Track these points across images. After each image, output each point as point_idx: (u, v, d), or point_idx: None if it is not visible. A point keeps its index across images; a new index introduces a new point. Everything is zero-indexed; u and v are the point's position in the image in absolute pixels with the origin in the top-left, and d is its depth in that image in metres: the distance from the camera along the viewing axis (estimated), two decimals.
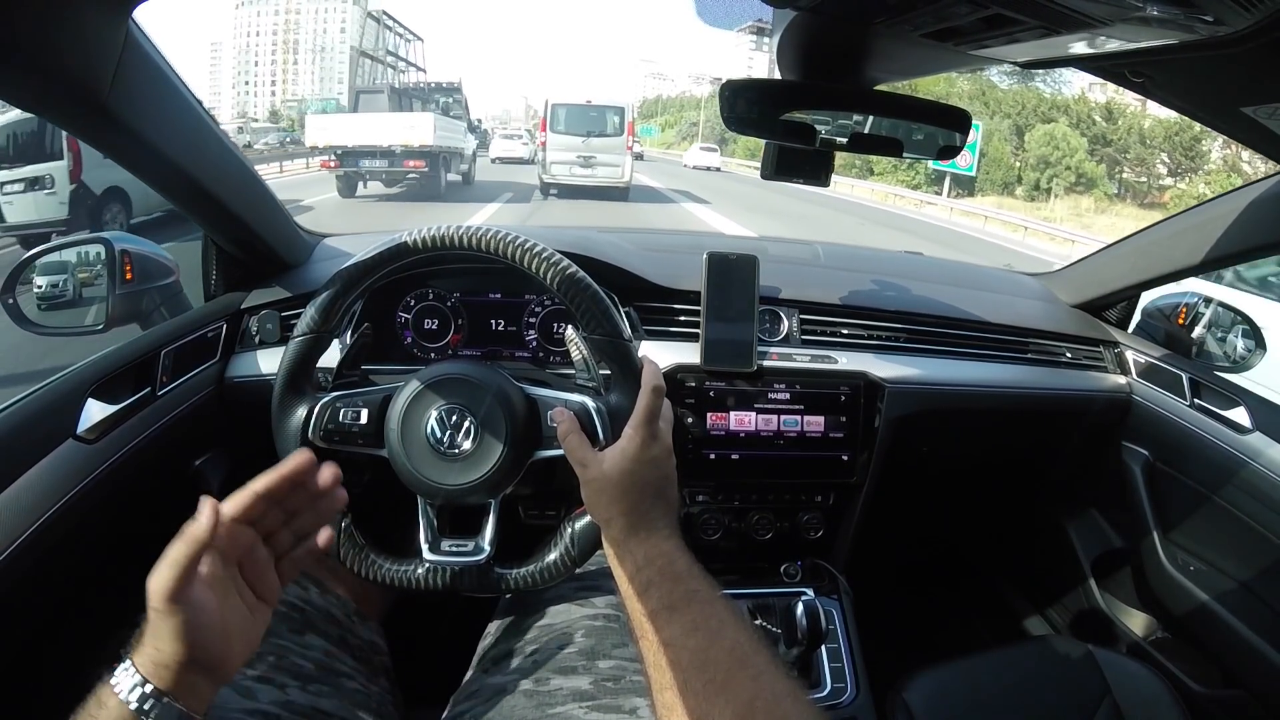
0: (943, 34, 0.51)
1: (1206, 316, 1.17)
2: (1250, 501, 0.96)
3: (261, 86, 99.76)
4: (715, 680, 0.46)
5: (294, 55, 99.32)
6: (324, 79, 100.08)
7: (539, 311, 0.97)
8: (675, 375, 0.95)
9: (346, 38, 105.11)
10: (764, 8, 0.62)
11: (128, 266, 0.88)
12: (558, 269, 0.64)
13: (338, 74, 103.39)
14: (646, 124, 58.12)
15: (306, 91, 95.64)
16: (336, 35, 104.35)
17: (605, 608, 0.73)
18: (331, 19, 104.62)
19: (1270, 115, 0.59)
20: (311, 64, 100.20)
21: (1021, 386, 1.09)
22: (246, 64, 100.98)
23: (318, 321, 0.67)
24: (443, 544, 0.69)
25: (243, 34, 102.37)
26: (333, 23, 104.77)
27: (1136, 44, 0.49)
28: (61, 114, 0.60)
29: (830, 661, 0.95)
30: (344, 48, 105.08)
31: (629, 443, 0.58)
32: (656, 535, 0.56)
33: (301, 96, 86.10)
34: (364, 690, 0.71)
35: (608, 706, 0.61)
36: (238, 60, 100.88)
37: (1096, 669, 0.90)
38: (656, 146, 39.48)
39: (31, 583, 0.59)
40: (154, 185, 0.76)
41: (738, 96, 0.74)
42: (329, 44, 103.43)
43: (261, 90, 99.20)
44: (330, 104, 53.25)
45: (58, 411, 0.68)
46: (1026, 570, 1.49)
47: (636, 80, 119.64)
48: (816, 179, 0.86)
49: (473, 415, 0.66)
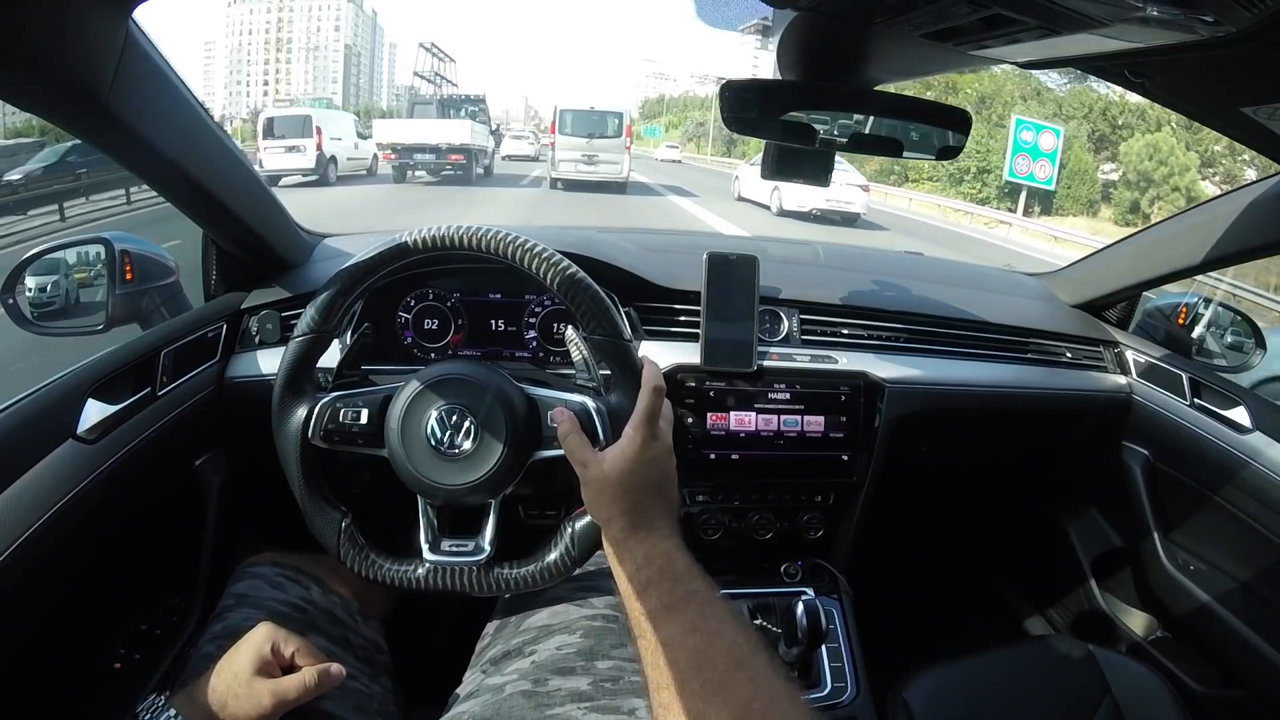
0: (943, 34, 0.51)
1: (1206, 316, 1.17)
2: (1250, 501, 0.96)
3: (254, 86, 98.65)
4: (713, 680, 0.46)
5: (287, 54, 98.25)
6: (317, 78, 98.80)
7: (539, 311, 0.97)
8: (675, 375, 0.95)
9: (341, 36, 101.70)
10: (763, 8, 0.62)
11: (128, 266, 0.88)
12: (558, 269, 0.64)
13: (331, 73, 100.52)
14: (650, 124, 55.51)
15: (299, 90, 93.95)
16: (330, 34, 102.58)
17: (604, 608, 0.73)
18: (325, 17, 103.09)
19: (1270, 115, 0.59)
20: (305, 62, 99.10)
21: (1022, 386, 1.09)
22: (239, 63, 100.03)
23: (317, 322, 0.67)
24: (443, 544, 0.69)
25: (235, 32, 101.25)
26: (326, 20, 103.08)
27: (1136, 44, 0.49)
28: (61, 114, 0.60)
29: (830, 661, 0.95)
30: (338, 46, 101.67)
31: (629, 442, 0.58)
32: (656, 535, 0.56)
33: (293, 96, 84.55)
34: (365, 690, 0.71)
35: (606, 707, 0.61)
36: (230, 59, 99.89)
37: (1096, 669, 0.90)
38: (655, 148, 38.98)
39: (31, 583, 0.59)
40: (154, 185, 0.76)
41: (738, 97, 0.74)
42: (323, 42, 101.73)
43: (254, 89, 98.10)
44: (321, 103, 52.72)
45: (58, 411, 0.68)
46: (1026, 570, 1.49)
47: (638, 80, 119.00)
48: (816, 179, 0.86)
49: (473, 415, 0.66)
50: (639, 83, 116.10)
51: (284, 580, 0.74)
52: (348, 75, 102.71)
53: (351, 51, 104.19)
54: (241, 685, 0.58)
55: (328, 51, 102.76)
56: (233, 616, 0.69)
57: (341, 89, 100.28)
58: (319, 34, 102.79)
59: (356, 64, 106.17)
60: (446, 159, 12.76)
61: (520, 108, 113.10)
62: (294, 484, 0.68)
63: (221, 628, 0.68)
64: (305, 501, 0.68)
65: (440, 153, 12.69)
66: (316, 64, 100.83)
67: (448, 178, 13.08)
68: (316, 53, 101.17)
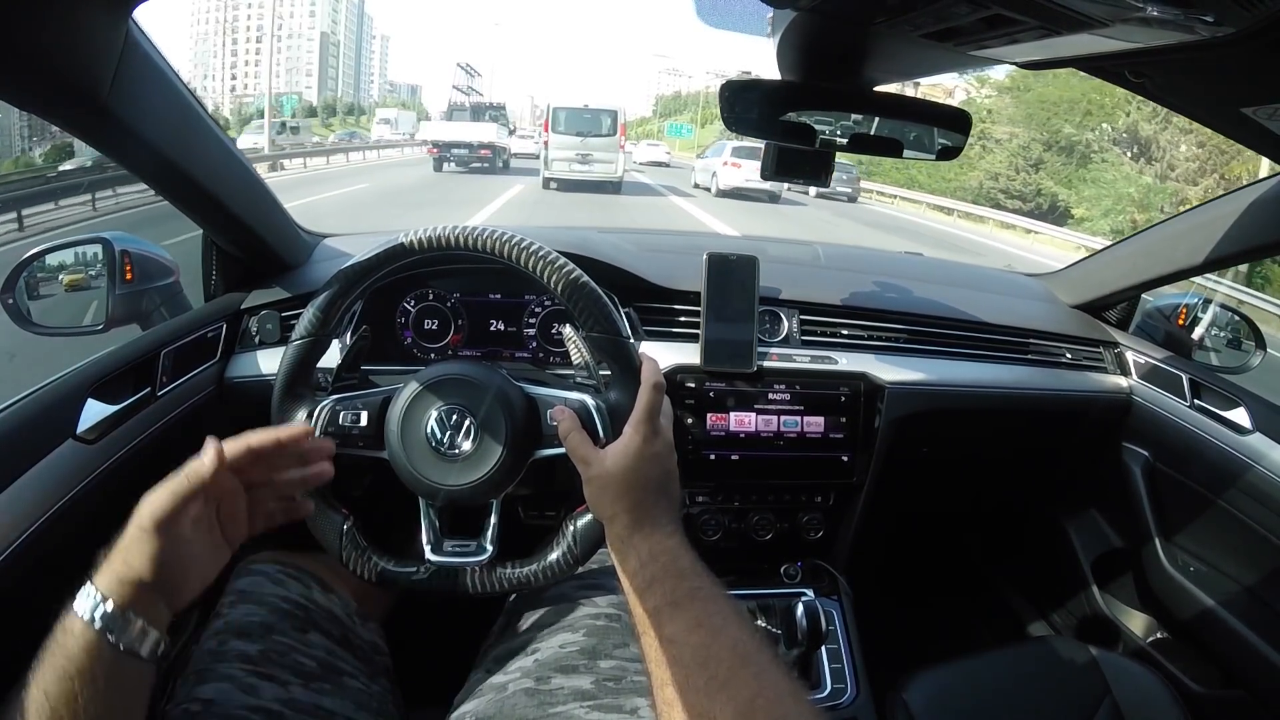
0: (942, 34, 0.51)
1: (1207, 317, 1.17)
2: (1250, 502, 0.96)
3: (223, 80, 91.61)
4: (717, 677, 0.46)
5: (255, 44, 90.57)
6: (290, 70, 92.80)
7: (539, 312, 0.97)
8: (675, 376, 0.95)
9: (316, 23, 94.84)
10: (764, 10, 0.62)
11: (128, 266, 0.87)
12: (557, 269, 0.64)
13: (305, 65, 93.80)
14: (674, 122, 50.64)
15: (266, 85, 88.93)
16: (305, 20, 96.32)
17: (607, 607, 0.73)
18: (299, 3, 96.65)
19: (1270, 115, 0.59)
20: (277, 53, 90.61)
21: (1022, 387, 1.09)
22: (203, 54, 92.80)
23: (317, 324, 0.67)
24: (445, 545, 0.69)
25: (199, 21, 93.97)
26: (300, 4, 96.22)
27: (1136, 44, 0.49)
28: (62, 114, 0.60)
29: (830, 662, 0.95)
30: (313, 34, 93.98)
31: (631, 440, 0.58)
32: (660, 532, 0.56)
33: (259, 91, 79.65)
34: (365, 690, 0.71)
35: (609, 706, 0.61)
36: (195, 50, 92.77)
37: (1096, 669, 0.90)
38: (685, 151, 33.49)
39: (32, 583, 0.59)
40: (154, 185, 0.76)
41: (738, 97, 0.74)
42: (296, 29, 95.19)
43: (223, 83, 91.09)
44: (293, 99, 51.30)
45: (58, 411, 0.68)
46: (1026, 571, 1.49)
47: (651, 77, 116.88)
48: (816, 179, 0.86)
49: (472, 415, 0.66)
50: (652, 80, 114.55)
51: (285, 578, 0.74)
52: (324, 67, 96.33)
53: (329, 40, 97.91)
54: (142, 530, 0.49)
55: (300, 39, 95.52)
56: (234, 612, 0.69)
57: (317, 82, 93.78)
58: (292, 19, 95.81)
59: (336, 54, 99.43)
60: (477, 153, 16.36)
61: (527, 108, 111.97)
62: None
63: (222, 624, 0.68)
64: None
65: (472, 148, 16.27)
66: (290, 54, 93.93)
67: (475, 169, 16.49)
68: (291, 40, 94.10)
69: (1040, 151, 21.00)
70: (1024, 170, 21.13)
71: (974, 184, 21.32)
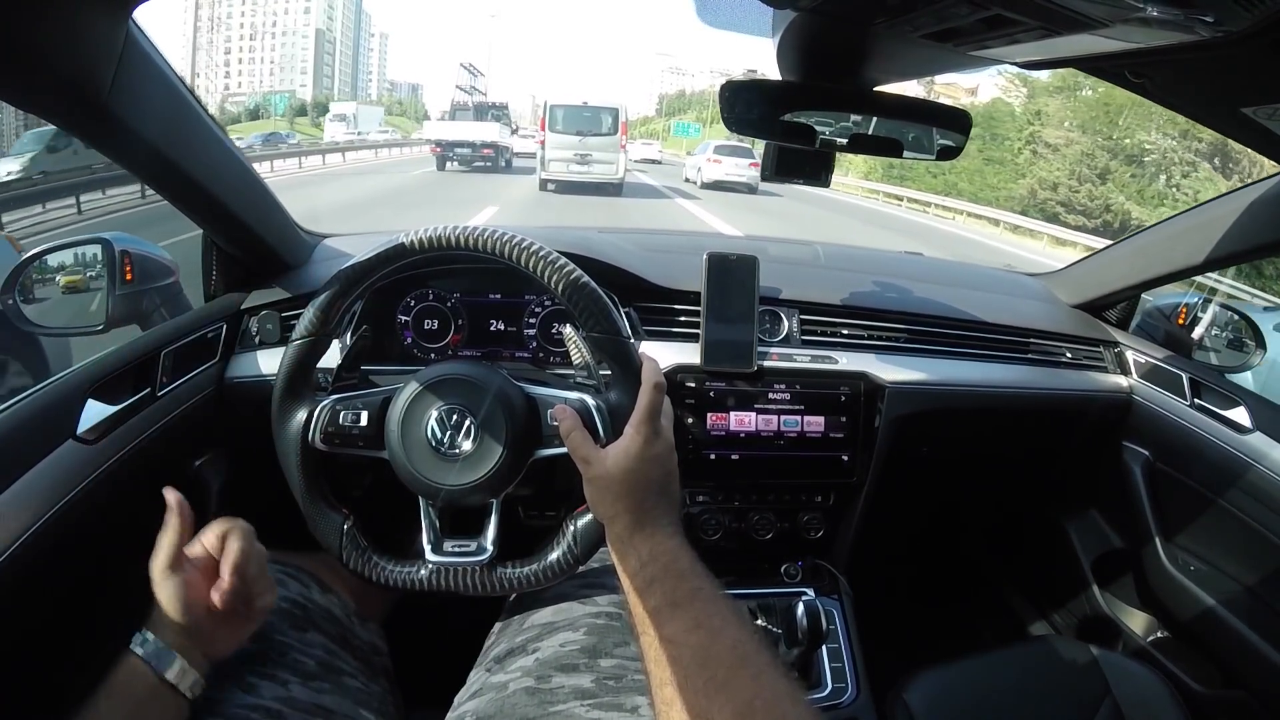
0: (943, 35, 0.51)
1: (1207, 317, 1.17)
2: (1251, 502, 0.96)
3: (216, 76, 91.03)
4: (716, 678, 0.46)
5: (249, 41, 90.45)
6: (284, 67, 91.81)
7: (539, 312, 0.97)
8: (675, 376, 0.95)
9: (311, 19, 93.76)
10: (764, 10, 0.62)
11: (128, 267, 0.87)
12: (557, 269, 0.64)
13: (300, 62, 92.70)
14: (682, 120, 50.24)
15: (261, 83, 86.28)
16: (300, 17, 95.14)
17: (608, 606, 0.73)
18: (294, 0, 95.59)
19: (1270, 116, 0.59)
20: (271, 50, 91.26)
21: (1022, 387, 1.09)
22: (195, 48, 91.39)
23: (316, 324, 0.67)
24: (445, 545, 0.69)
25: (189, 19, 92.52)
26: (294, 1, 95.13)
27: (1136, 44, 0.49)
28: (62, 114, 0.60)
29: (831, 662, 0.95)
30: (308, 30, 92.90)
31: (631, 440, 0.58)
32: (660, 532, 0.56)
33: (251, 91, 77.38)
34: (365, 689, 0.71)
35: (609, 705, 0.61)
36: (186, 45, 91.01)
37: (1097, 669, 0.90)
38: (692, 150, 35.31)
39: (32, 583, 0.59)
40: (154, 185, 0.76)
41: (738, 97, 0.74)
42: (291, 26, 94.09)
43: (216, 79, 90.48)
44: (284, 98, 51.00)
45: (58, 412, 0.67)
46: (1026, 570, 1.49)
47: (653, 76, 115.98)
48: (817, 180, 0.86)
49: (472, 415, 0.66)
50: (655, 79, 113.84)
51: (284, 578, 0.74)
52: (319, 64, 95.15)
53: (324, 37, 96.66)
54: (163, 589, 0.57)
55: (295, 36, 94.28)
56: None
57: (312, 79, 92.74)
58: (287, 16, 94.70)
59: (333, 52, 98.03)
60: (480, 152, 16.41)
61: (528, 107, 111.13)
62: (295, 487, 0.68)
63: None
64: (306, 504, 0.68)
65: (475, 148, 16.36)
66: (284, 51, 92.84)
67: (478, 168, 16.51)
68: (285, 38, 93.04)
69: (1106, 160, 19.34)
70: (1089, 181, 19.25)
71: (1024, 193, 19.86)
